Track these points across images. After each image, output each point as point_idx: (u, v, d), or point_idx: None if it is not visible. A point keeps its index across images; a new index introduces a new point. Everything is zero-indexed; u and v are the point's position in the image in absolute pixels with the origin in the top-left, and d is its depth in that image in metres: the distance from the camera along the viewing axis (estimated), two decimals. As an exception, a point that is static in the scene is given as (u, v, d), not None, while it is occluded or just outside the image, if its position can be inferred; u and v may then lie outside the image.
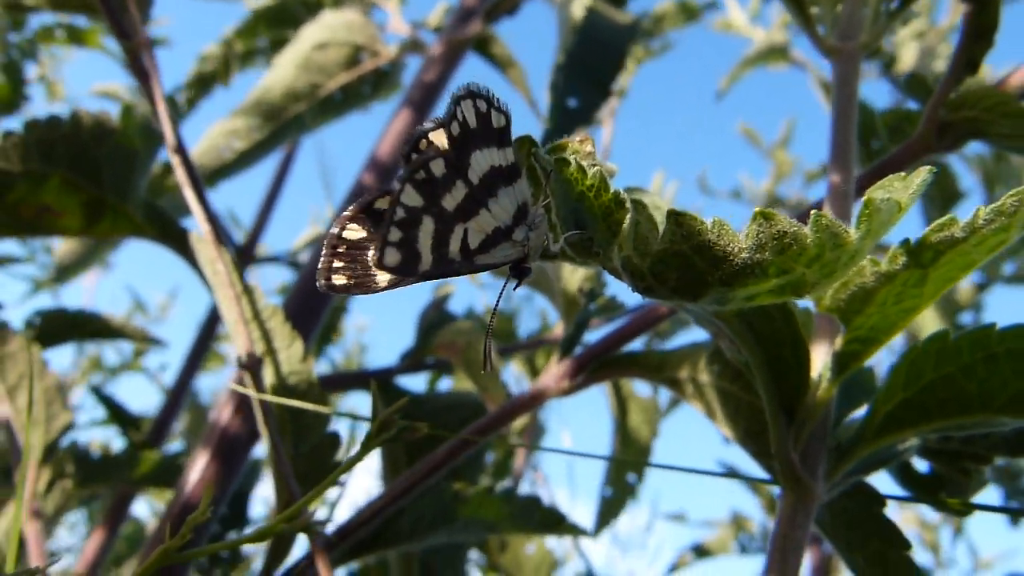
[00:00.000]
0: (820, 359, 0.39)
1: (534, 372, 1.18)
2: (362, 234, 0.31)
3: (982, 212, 0.31)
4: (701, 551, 1.67)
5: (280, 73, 1.09)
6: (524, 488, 1.54)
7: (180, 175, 0.68)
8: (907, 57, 1.36)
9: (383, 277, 0.31)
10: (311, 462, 0.55)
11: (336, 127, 1.16)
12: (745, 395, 0.43)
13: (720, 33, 1.89)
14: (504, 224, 0.30)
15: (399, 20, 1.16)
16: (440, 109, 1.03)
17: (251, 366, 0.54)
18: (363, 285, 0.31)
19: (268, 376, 0.57)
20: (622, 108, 1.72)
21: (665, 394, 1.35)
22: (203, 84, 1.30)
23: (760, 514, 1.74)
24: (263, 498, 1.42)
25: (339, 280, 0.31)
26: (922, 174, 0.30)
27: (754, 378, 0.38)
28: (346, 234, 0.31)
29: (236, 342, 0.58)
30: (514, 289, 0.31)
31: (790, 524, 0.37)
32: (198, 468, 0.74)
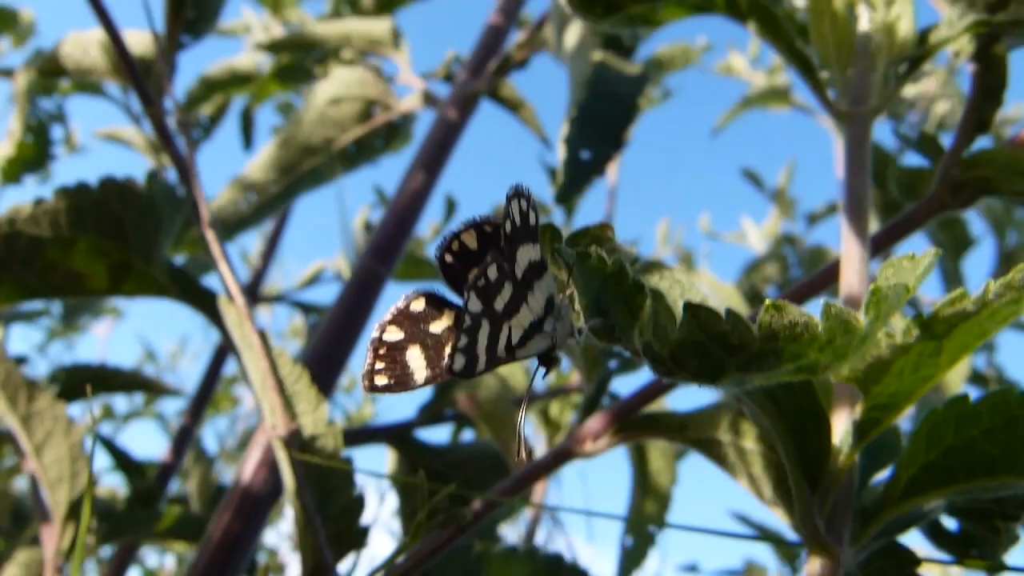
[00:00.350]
0: (842, 425, 0.40)
1: (547, 422, 1.18)
2: (400, 335, 0.32)
3: (992, 287, 0.32)
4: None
5: (296, 128, 1.12)
6: (541, 534, 1.53)
7: (213, 248, 0.70)
8: (911, 101, 1.38)
9: (420, 376, 0.32)
10: (337, 525, 0.55)
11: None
12: (771, 454, 0.44)
13: (722, 77, 1.92)
14: (538, 317, 0.31)
15: (409, 72, 1.19)
16: (455, 161, 1.04)
17: (288, 439, 0.56)
18: (402, 384, 0.33)
19: (295, 439, 0.58)
20: (626, 154, 1.75)
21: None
22: (205, 128, 1.34)
23: (775, 563, 1.72)
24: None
25: (381, 381, 0.33)
26: (929, 256, 0.31)
27: (776, 445, 0.39)
28: (386, 337, 0.33)
29: (264, 407, 0.59)
30: (543, 378, 0.32)
31: (818, 589, 0.38)
32: (222, 525, 0.74)
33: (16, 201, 0.74)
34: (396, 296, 0.34)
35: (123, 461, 1.10)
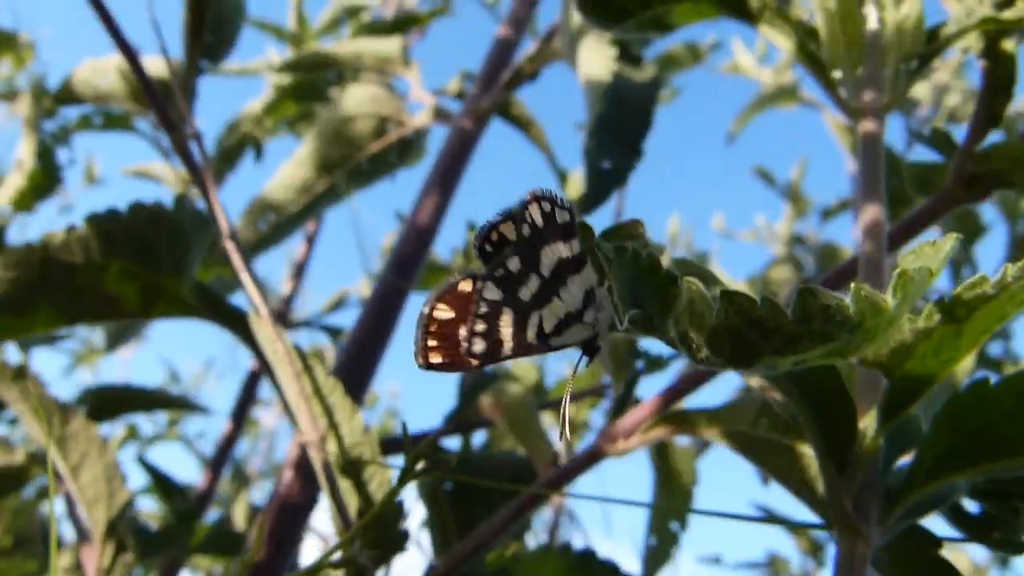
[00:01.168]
0: (867, 410, 0.41)
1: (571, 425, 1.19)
2: (451, 314, 0.34)
3: (1010, 270, 0.33)
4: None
5: (312, 147, 1.14)
6: (561, 534, 1.54)
7: (235, 260, 0.72)
8: (921, 95, 1.39)
9: (477, 359, 0.33)
10: (378, 529, 0.57)
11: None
12: (797, 445, 0.45)
13: (730, 76, 1.94)
14: (575, 308, 0.33)
15: (420, 90, 1.21)
16: (469, 175, 1.06)
17: (316, 443, 0.57)
18: (459, 363, 0.34)
19: (332, 448, 0.59)
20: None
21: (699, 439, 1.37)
22: (230, 158, 1.36)
23: (797, 555, 1.73)
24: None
25: (436, 359, 0.34)
26: (950, 241, 0.33)
27: (804, 431, 0.40)
28: (436, 314, 0.34)
29: (299, 418, 0.61)
30: (586, 366, 0.34)
31: (848, 569, 0.39)
32: (263, 533, 0.76)
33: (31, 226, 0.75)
34: (420, 307, 0.34)
35: (163, 483, 1.11)
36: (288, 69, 1.18)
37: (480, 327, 0.31)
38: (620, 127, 0.84)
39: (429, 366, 0.34)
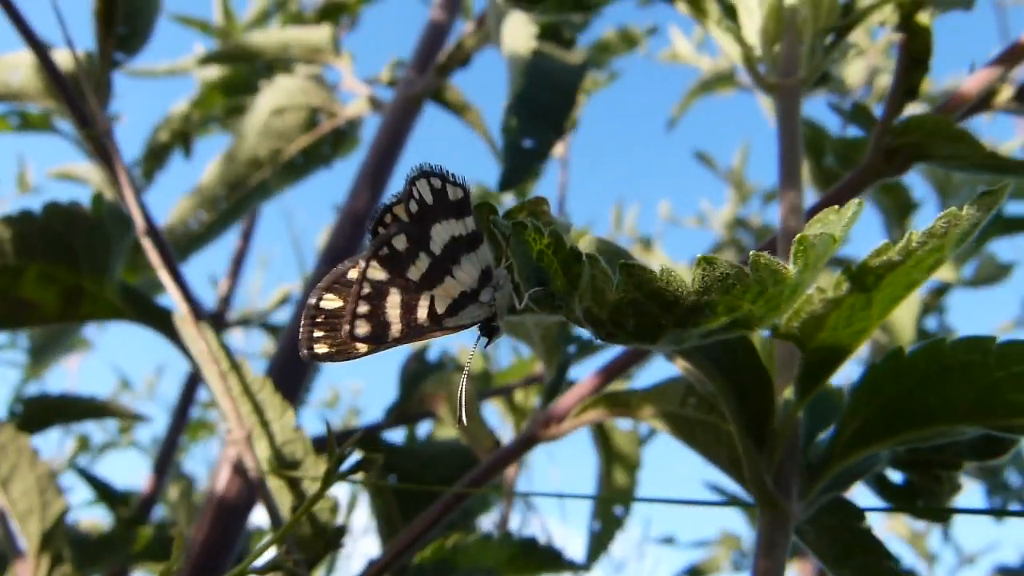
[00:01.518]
0: (785, 383, 0.41)
1: (514, 409, 1.19)
2: (338, 303, 0.33)
3: (915, 236, 0.34)
4: (696, 572, 1.68)
5: (241, 142, 1.11)
6: (515, 519, 1.54)
7: (154, 258, 0.70)
8: (853, 76, 1.41)
9: (361, 345, 0.33)
10: (313, 526, 0.56)
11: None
12: (723, 424, 0.45)
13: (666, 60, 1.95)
14: (470, 288, 0.32)
15: (352, 78, 1.19)
16: (404, 163, 1.05)
17: (246, 442, 0.56)
18: (344, 352, 0.33)
19: (262, 447, 0.58)
20: (576, 140, 1.76)
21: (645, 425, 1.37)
22: (158, 156, 1.32)
23: (748, 530, 1.76)
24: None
25: (321, 348, 0.33)
26: (852, 207, 0.32)
27: (722, 405, 0.40)
28: (323, 304, 0.33)
29: (228, 417, 0.60)
30: (485, 347, 0.33)
31: (770, 543, 0.39)
32: (200, 537, 0.74)
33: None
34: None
35: (102, 491, 1.08)
36: (212, 61, 1.15)
37: (363, 308, 0.30)
38: (542, 106, 0.83)
39: (313, 356, 0.33)
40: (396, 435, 1.00)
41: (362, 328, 0.30)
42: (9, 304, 0.74)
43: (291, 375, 0.85)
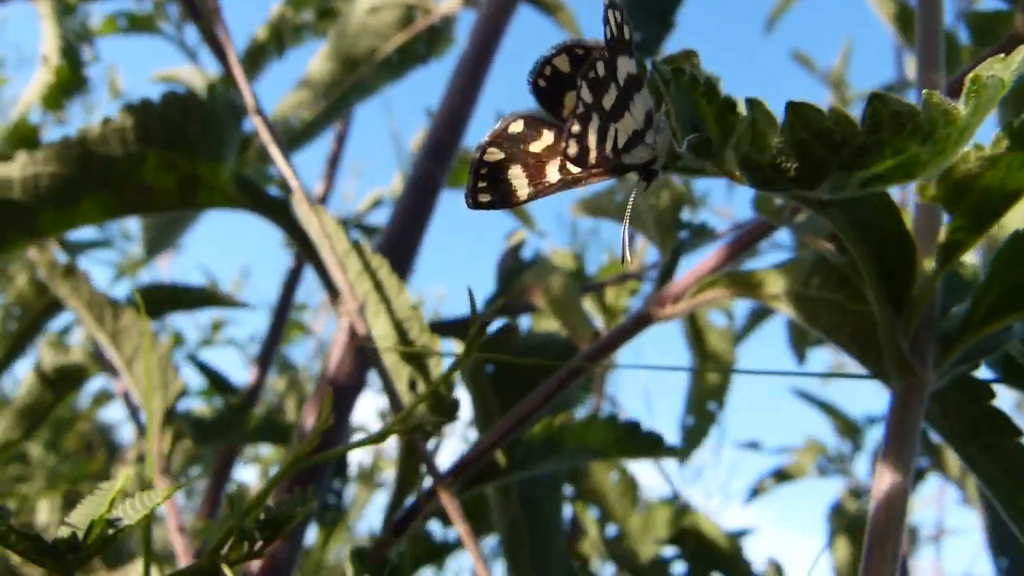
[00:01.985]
0: (922, 252, 0.41)
1: (605, 308, 1.20)
2: (500, 156, 0.34)
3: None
4: (781, 475, 1.69)
5: (339, 41, 1.12)
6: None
7: (264, 136, 0.72)
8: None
9: (522, 193, 0.34)
10: (433, 401, 0.58)
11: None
12: (849, 303, 0.45)
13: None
14: (640, 127, 0.32)
15: (446, -25, 1.17)
16: (499, 62, 1.04)
17: (364, 316, 0.58)
18: (505, 200, 0.34)
19: (382, 324, 0.60)
20: (672, 39, 1.71)
21: (738, 322, 1.37)
22: (255, 58, 1.34)
23: (834, 439, 1.75)
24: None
25: (484, 198, 0.34)
26: (1022, 52, 0.31)
27: (859, 278, 0.40)
28: (487, 157, 0.34)
29: (346, 294, 0.62)
30: (645, 191, 0.34)
31: (904, 411, 0.39)
32: (314, 411, 0.78)
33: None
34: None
35: (216, 380, 1.14)
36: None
37: (576, 128, 0.31)
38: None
39: (477, 205, 0.34)
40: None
41: (573, 148, 0.31)
42: (134, 190, 0.77)
43: (395, 265, 0.87)
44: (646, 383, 1.63)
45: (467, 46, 1.05)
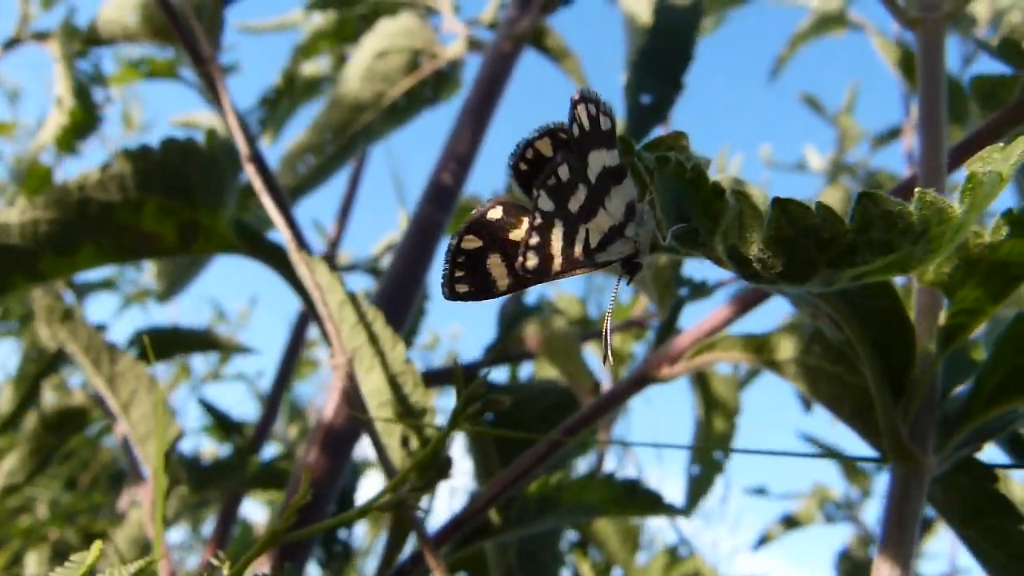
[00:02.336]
0: (922, 334, 0.39)
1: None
2: (478, 244, 0.33)
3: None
4: (789, 522, 1.66)
5: (345, 86, 1.12)
6: (610, 459, 1.55)
7: (256, 184, 0.71)
8: (980, 14, 1.32)
9: (502, 283, 0.33)
10: (423, 462, 0.57)
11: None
12: (849, 376, 0.44)
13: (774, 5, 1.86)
14: (618, 222, 0.31)
15: (453, 20, 1.18)
16: (504, 106, 1.04)
17: (350, 373, 0.57)
18: (484, 291, 0.33)
19: (375, 378, 0.59)
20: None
21: (742, 367, 1.35)
22: (272, 105, 1.35)
23: (842, 484, 1.73)
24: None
25: (462, 289, 0.33)
26: (1021, 144, 0.30)
27: (857, 357, 0.39)
28: (464, 245, 0.33)
29: (338, 348, 0.61)
30: (627, 284, 0.33)
31: (904, 498, 0.37)
32: (309, 462, 0.77)
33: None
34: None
35: (220, 419, 1.13)
36: (319, 6, 1.15)
37: (535, 240, 0.29)
38: (661, 59, 0.80)
39: (454, 296, 0.33)
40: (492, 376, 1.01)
41: (532, 260, 0.30)
42: (132, 236, 0.77)
43: (394, 310, 0.87)
44: (656, 421, 1.61)
45: (471, 91, 1.05)
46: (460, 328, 2.17)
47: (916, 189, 0.27)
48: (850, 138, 1.88)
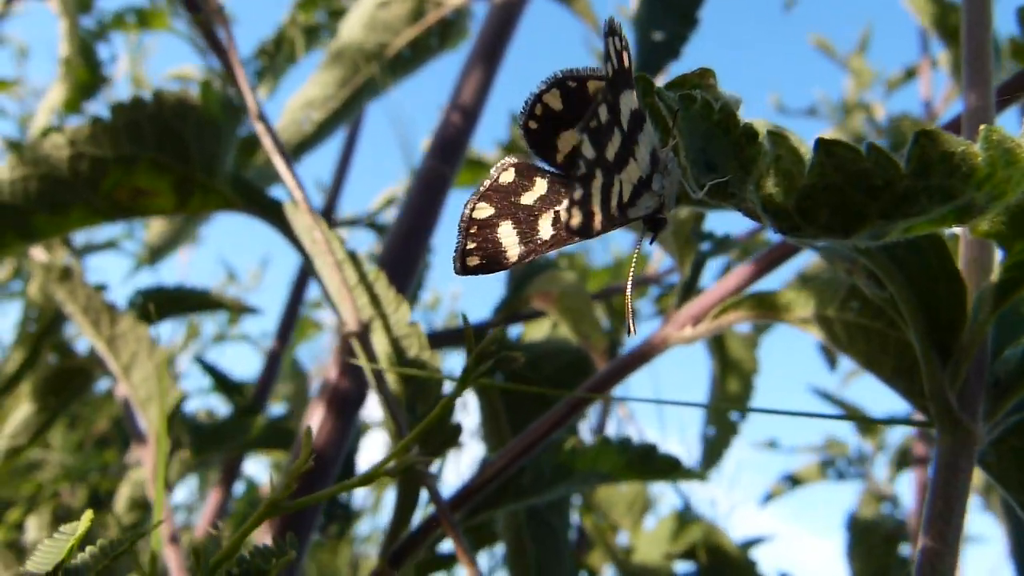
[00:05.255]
0: (971, 290, 0.36)
1: (613, 313, 1.15)
2: (491, 211, 0.30)
3: None
4: (794, 480, 1.64)
5: (347, 36, 1.08)
6: (612, 425, 1.53)
7: (266, 142, 0.68)
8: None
9: (513, 252, 0.30)
10: (431, 428, 0.54)
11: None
12: (891, 332, 0.40)
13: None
14: (645, 173, 0.28)
15: (458, -34, 1.13)
16: (512, 55, 0.99)
17: (360, 334, 0.54)
18: (495, 262, 0.30)
19: (379, 341, 0.56)
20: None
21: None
22: (272, 61, 1.30)
23: (854, 437, 1.69)
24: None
25: (472, 261, 0.31)
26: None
27: (900, 317, 0.36)
28: (476, 214, 0.30)
29: (341, 309, 0.58)
30: (651, 243, 0.29)
31: (952, 469, 0.34)
32: (314, 426, 0.75)
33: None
34: (460, 203, 0.31)
35: (221, 380, 1.11)
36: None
37: (579, 194, 0.26)
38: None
39: (465, 270, 0.30)
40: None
41: (576, 218, 0.26)
42: (126, 193, 0.74)
43: (401, 269, 0.84)
44: (659, 384, 1.58)
45: (478, 39, 1.01)
46: (460, 288, 2.15)
47: (982, 127, 0.24)
48: (863, 80, 1.82)
